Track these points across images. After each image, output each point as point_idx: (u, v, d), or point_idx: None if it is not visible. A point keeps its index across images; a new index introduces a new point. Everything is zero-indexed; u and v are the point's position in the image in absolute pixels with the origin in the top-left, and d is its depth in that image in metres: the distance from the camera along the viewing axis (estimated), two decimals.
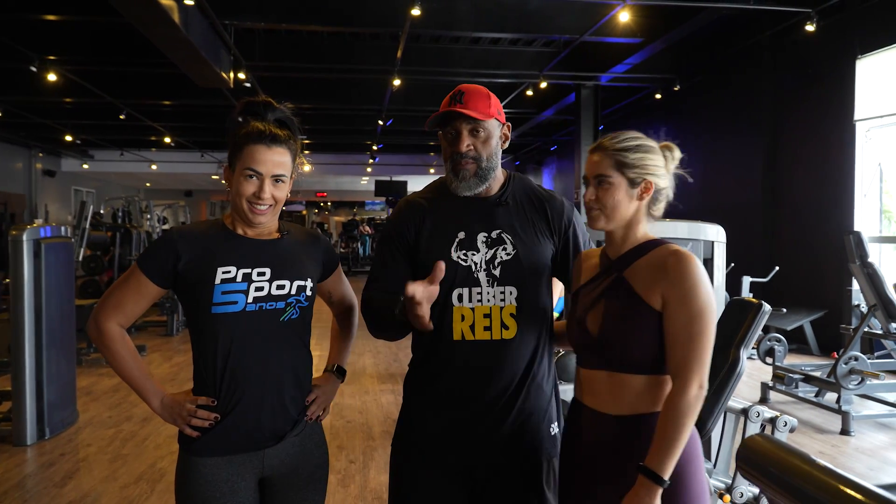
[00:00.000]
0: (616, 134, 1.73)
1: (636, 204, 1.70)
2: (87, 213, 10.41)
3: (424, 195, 1.96)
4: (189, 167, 21.71)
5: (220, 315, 1.76)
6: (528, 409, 1.85)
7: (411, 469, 1.90)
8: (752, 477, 1.09)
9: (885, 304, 6.10)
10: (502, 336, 1.81)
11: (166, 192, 28.19)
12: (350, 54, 10.45)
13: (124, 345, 1.83)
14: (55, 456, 4.65)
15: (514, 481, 1.85)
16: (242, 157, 1.78)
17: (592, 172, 1.71)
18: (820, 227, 8.53)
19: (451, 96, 1.81)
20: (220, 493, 1.76)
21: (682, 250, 1.62)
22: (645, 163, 1.69)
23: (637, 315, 1.61)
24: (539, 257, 1.86)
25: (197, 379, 1.84)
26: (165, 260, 1.79)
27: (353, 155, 20.96)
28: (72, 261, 5.76)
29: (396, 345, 9.06)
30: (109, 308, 1.82)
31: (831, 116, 8.39)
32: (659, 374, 1.62)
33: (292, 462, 1.87)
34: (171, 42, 7.52)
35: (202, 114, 14.60)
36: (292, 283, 1.84)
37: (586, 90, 11.42)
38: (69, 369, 5.43)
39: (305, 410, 1.90)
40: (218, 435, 1.78)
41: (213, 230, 1.86)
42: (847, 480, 0.90)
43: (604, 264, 1.75)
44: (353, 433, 5.15)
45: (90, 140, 18.00)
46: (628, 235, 1.72)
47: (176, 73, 9.33)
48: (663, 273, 1.60)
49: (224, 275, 1.77)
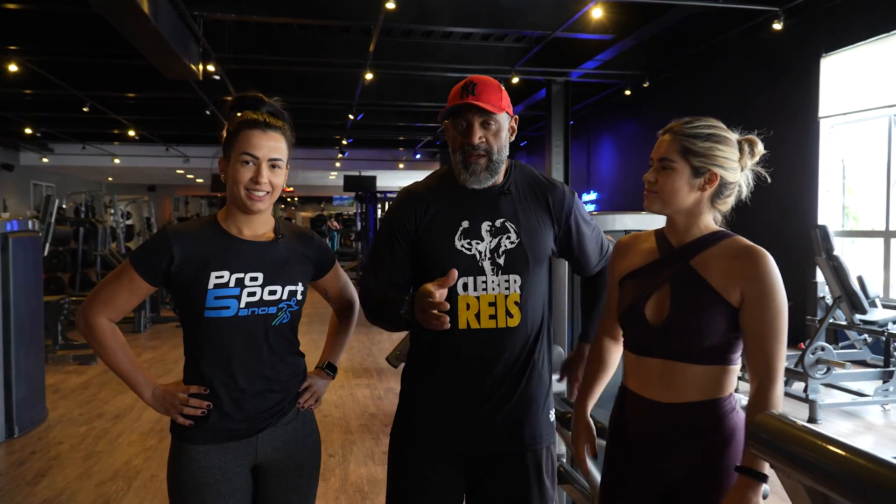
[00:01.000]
0: (692, 119, 1.67)
1: (698, 194, 1.65)
2: (52, 208, 10.19)
3: (426, 184, 1.96)
4: (153, 161, 21.37)
5: (212, 319, 1.78)
6: (528, 397, 1.87)
7: (411, 457, 1.90)
8: (764, 454, 1.12)
9: (849, 296, 6.25)
10: (507, 324, 1.82)
11: (129, 187, 27.71)
12: (321, 48, 10.38)
13: (115, 338, 1.83)
14: (26, 454, 4.56)
15: (513, 469, 1.87)
16: (238, 142, 1.77)
17: (657, 154, 1.66)
18: (785, 222, 8.70)
19: (463, 87, 1.80)
20: (213, 479, 1.78)
21: (757, 246, 1.61)
22: (713, 153, 1.63)
23: (710, 306, 1.59)
24: (542, 245, 1.88)
25: (189, 371, 1.85)
26: (159, 260, 1.78)
27: (321, 149, 20.82)
28: (39, 255, 5.64)
29: (370, 340, 9.05)
30: (100, 303, 1.81)
31: (796, 113, 8.56)
32: (718, 365, 1.61)
33: (285, 448, 1.89)
34: (139, 32, 7.38)
35: (168, 107, 14.39)
36: (284, 289, 1.85)
37: (557, 86, 11.49)
38: (38, 366, 5.32)
39: (297, 400, 1.93)
40: (211, 424, 1.79)
41: (208, 231, 1.84)
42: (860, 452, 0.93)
43: (664, 251, 1.71)
44: (331, 427, 5.13)
45: (51, 133, 17.63)
46: (691, 225, 1.68)
47: (142, 64, 9.18)
48: (743, 269, 1.58)
49: (217, 279, 1.77)
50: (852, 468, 0.94)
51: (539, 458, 1.89)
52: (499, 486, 1.86)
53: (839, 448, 0.98)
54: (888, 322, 6.19)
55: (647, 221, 3.47)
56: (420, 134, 18.56)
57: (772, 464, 1.12)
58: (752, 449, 1.18)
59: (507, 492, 1.86)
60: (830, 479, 0.98)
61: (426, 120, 15.92)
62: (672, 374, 1.63)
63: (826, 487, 0.99)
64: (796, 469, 1.04)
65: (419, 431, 1.90)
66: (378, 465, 4.33)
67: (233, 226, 1.85)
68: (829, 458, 0.98)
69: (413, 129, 17.95)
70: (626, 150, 13.64)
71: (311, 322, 8.77)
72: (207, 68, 9.55)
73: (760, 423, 1.15)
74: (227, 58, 9.84)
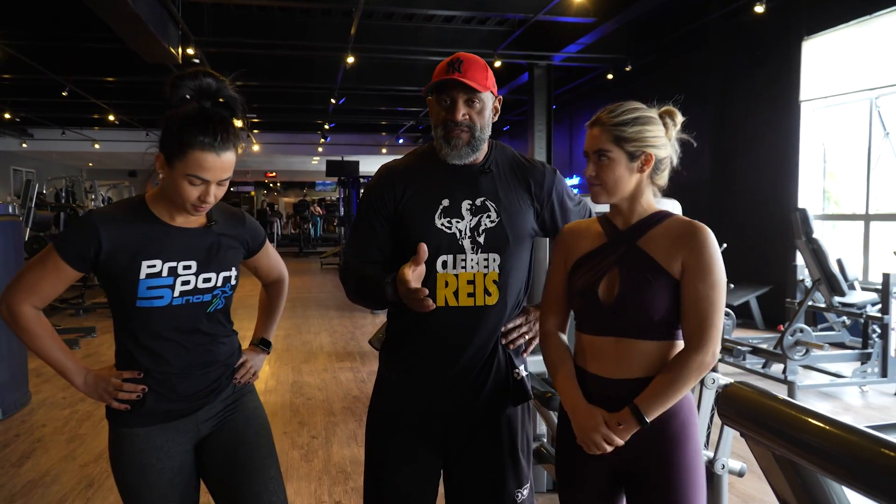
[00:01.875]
0: (614, 106, 1.72)
1: (637, 177, 1.70)
2: (33, 193, 10.09)
3: (406, 162, 1.96)
4: (134, 146, 21.11)
5: (144, 309, 1.74)
6: (498, 368, 1.89)
7: (388, 435, 1.92)
8: (734, 423, 1.15)
9: (828, 279, 6.34)
10: (485, 302, 1.84)
11: (110, 173, 27.43)
12: (302, 31, 10.29)
13: (41, 325, 1.75)
14: (10, 437, 4.55)
15: (488, 446, 1.89)
16: (187, 162, 1.65)
17: (592, 147, 1.71)
18: (765, 206, 8.78)
19: (449, 63, 1.80)
20: (156, 458, 1.77)
21: (698, 222, 1.66)
22: (643, 135, 1.68)
23: (656, 282, 1.64)
24: (522, 225, 1.89)
25: (121, 357, 1.82)
26: (86, 247, 1.70)
27: (303, 134, 20.69)
28: (20, 239, 5.59)
29: (353, 323, 9.05)
30: (23, 290, 1.73)
31: (778, 97, 8.62)
32: (667, 341, 1.66)
33: (226, 417, 1.89)
34: (117, 15, 7.31)
35: (148, 91, 14.22)
36: (218, 275, 1.83)
37: (539, 70, 11.48)
38: (20, 350, 5.28)
39: (233, 376, 1.94)
40: (148, 407, 1.78)
41: (138, 217, 1.76)
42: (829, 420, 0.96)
43: (610, 234, 1.76)
44: (313, 410, 5.14)
45: (30, 118, 17.39)
46: (634, 207, 1.74)
47: (121, 48, 9.08)
48: (684, 242, 1.63)
49: (149, 269, 1.72)
50: (819, 435, 0.97)
51: (514, 434, 1.92)
52: (475, 462, 1.88)
53: (807, 416, 1.01)
54: (866, 304, 6.29)
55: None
56: (403, 118, 18.50)
57: (742, 433, 1.15)
58: (724, 419, 1.21)
59: (483, 468, 1.88)
60: (798, 446, 1.00)
61: (409, 104, 15.86)
62: (624, 351, 1.68)
63: (794, 454, 1.02)
64: (765, 437, 1.07)
65: (395, 409, 1.92)
66: (361, 446, 4.34)
67: (164, 212, 1.78)
68: (796, 425, 1.01)
69: (395, 114, 17.88)
70: None
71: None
72: (187, 52, 9.47)
73: (731, 394, 1.18)
74: (207, 41, 9.74)
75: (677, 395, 1.59)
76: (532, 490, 1.98)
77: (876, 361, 5.83)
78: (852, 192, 8.40)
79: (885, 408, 5.37)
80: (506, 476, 1.89)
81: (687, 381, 1.58)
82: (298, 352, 7.28)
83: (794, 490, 1.06)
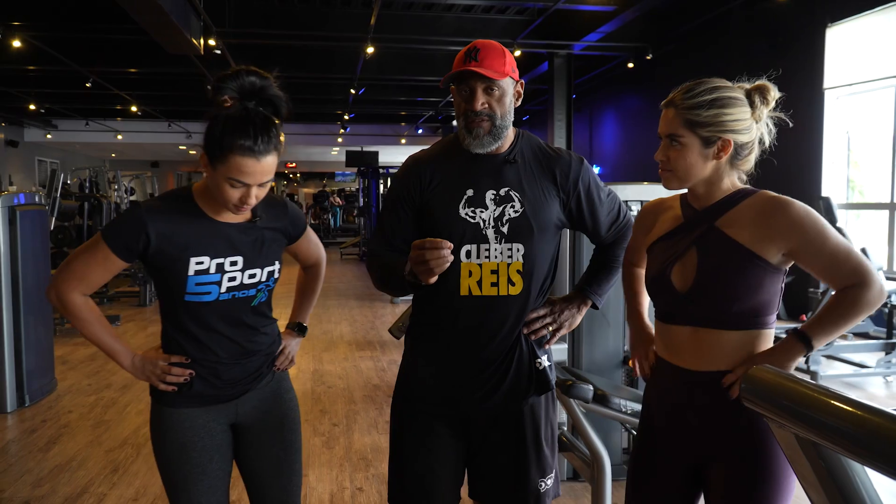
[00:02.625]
0: (692, 84, 1.59)
1: (714, 163, 1.58)
2: (58, 183, 10.22)
3: (432, 152, 1.97)
4: (156, 137, 21.33)
5: (193, 303, 1.79)
6: (521, 358, 1.89)
7: (412, 423, 1.93)
8: (757, 406, 1.15)
9: None
10: (509, 292, 1.84)
11: (132, 163, 27.71)
12: (322, 21, 10.31)
13: (90, 310, 1.82)
14: (37, 422, 4.63)
15: (511, 436, 1.90)
16: (227, 165, 1.66)
17: (664, 131, 1.60)
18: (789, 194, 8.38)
19: (466, 52, 1.79)
20: (197, 436, 1.84)
21: (783, 196, 1.55)
22: (721, 119, 1.55)
23: (740, 266, 1.53)
24: (546, 215, 1.87)
25: (167, 342, 1.87)
26: (134, 240, 1.73)
27: (323, 125, 20.74)
28: (46, 228, 5.68)
29: (373, 313, 9.10)
30: (73, 279, 1.78)
31: (801, 84, 8.51)
32: (751, 329, 1.55)
33: (263, 407, 1.96)
34: (140, 6, 7.36)
35: (170, 82, 14.33)
36: (263, 270, 1.87)
37: (559, 59, 11.42)
38: (47, 337, 5.39)
39: (273, 363, 1.99)
40: (193, 391, 1.84)
41: (185, 212, 1.79)
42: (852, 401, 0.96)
43: (688, 215, 1.66)
44: (335, 398, 5.19)
45: (54, 109, 17.58)
46: (712, 191, 1.62)
47: (144, 39, 9.15)
48: (776, 223, 1.52)
49: (197, 265, 1.76)
50: (842, 416, 0.97)
51: (538, 423, 1.92)
52: (498, 451, 1.90)
53: (829, 397, 1.01)
54: (891, 294, 6.22)
55: (649, 192, 3.49)
56: (422, 108, 18.47)
57: (765, 416, 1.15)
58: (746, 402, 1.21)
59: (506, 457, 1.89)
60: (821, 428, 1.01)
61: (428, 94, 15.84)
62: (702, 342, 1.58)
63: (817, 436, 1.03)
64: (788, 418, 1.07)
65: (419, 397, 1.93)
66: (381, 434, 4.39)
67: (210, 207, 1.81)
68: (818, 407, 1.01)
69: (415, 104, 17.86)
70: (629, 124, 13.59)
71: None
72: (208, 43, 9.51)
73: (753, 377, 1.18)
74: (228, 32, 9.79)
75: (846, 326, 1.48)
76: (557, 479, 1.98)
77: None
78: (877, 181, 8.29)
79: None
80: (529, 465, 1.89)
81: (855, 312, 1.46)
82: (319, 341, 7.34)
83: (818, 473, 1.07)
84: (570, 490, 3.61)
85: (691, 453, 1.62)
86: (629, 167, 13.22)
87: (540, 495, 1.91)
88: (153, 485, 3.62)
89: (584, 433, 2.86)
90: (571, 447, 3.29)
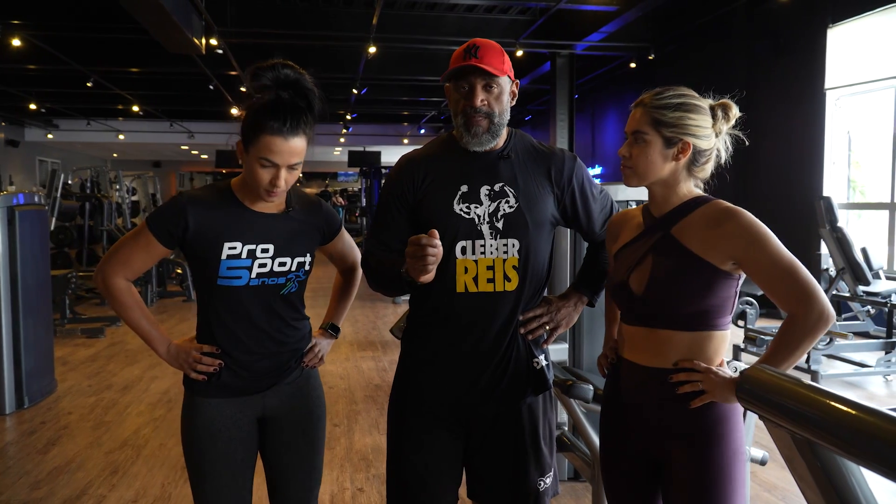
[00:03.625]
0: (662, 90, 1.67)
1: (672, 164, 1.65)
2: (58, 183, 10.23)
3: (426, 151, 1.97)
4: (157, 137, 21.37)
5: (224, 287, 1.86)
6: (518, 357, 1.89)
7: (410, 423, 1.93)
8: (753, 405, 1.14)
9: (852, 268, 6.26)
10: (505, 288, 1.83)
11: (134, 163, 27.74)
12: (324, 21, 10.32)
13: (131, 295, 1.92)
14: (36, 424, 4.63)
15: (510, 436, 1.89)
16: (258, 145, 1.76)
17: (630, 128, 1.67)
18: (790, 194, 8.68)
19: (466, 49, 1.79)
20: (225, 427, 1.90)
21: (733, 206, 1.61)
22: (684, 122, 1.63)
23: (690, 271, 1.59)
24: (541, 211, 1.88)
25: (201, 331, 1.95)
26: (175, 225, 1.84)
27: (325, 125, 20.75)
28: (46, 228, 5.68)
29: (374, 313, 9.10)
30: (117, 264, 1.89)
31: (802, 85, 8.51)
32: (703, 331, 1.62)
33: (291, 402, 2.00)
34: (140, 5, 7.36)
35: (172, 82, 14.34)
36: (293, 260, 1.92)
37: (562, 59, 11.41)
38: (46, 338, 5.39)
39: (302, 359, 2.03)
40: (222, 381, 1.90)
41: (223, 201, 1.89)
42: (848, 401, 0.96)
43: (647, 223, 1.73)
44: (336, 398, 5.19)
45: (55, 109, 17.60)
46: (669, 195, 1.69)
47: (145, 38, 9.15)
48: (724, 231, 1.57)
49: (230, 251, 1.84)
50: (838, 416, 0.97)
51: (536, 422, 1.92)
52: (496, 450, 1.89)
53: (824, 397, 1.01)
54: (891, 293, 6.21)
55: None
56: (424, 108, 18.48)
57: (760, 415, 1.15)
58: (742, 402, 1.21)
59: (504, 456, 1.89)
60: (817, 427, 1.00)
61: (430, 94, 15.84)
62: (656, 341, 1.65)
63: (813, 436, 1.02)
64: (784, 418, 1.07)
65: (417, 396, 1.93)
66: (382, 434, 4.38)
67: (246, 197, 1.90)
68: (814, 406, 1.01)
69: (417, 104, 17.87)
70: None
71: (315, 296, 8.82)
72: (210, 42, 9.52)
73: (749, 376, 1.18)
74: (230, 31, 9.79)
75: (797, 357, 1.51)
76: (556, 478, 1.98)
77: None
78: (878, 181, 8.29)
79: None
80: (527, 464, 1.89)
81: (802, 346, 1.50)
82: None
83: (814, 473, 1.06)
84: (572, 490, 3.61)
85: (648, 445, 1.68)
86: None
87: (539, 494, 1.91)
88: (153, 486, 3.62)
89: (584, 433, 2.86)
90: (572, 447, 3.29)
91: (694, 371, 1.59)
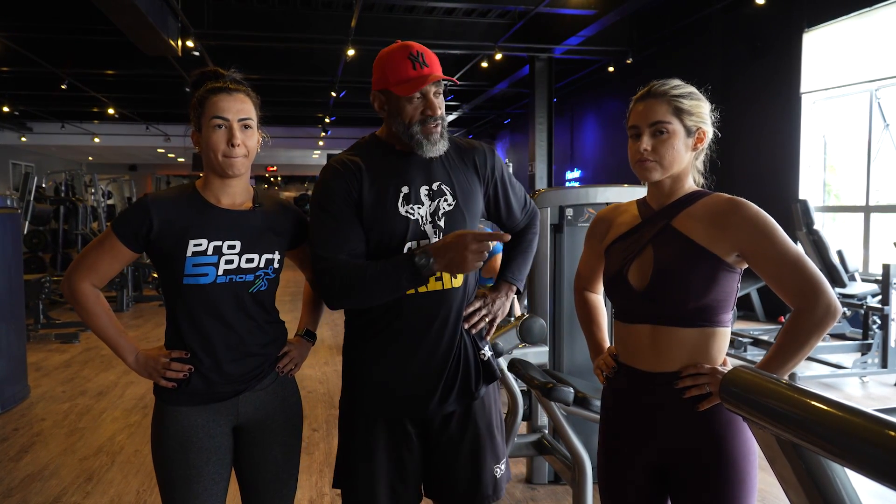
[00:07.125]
0: (664, 81, 1.64)
1: (690, 155, 1.63)
2: (31, 186, 10.08)
3: (357, 154, 1.90)
4: (134, 140, 21.14)
5: (191, 286, 1.82)
6: (466, 352, 1.90)
7: (361, 423, 1.90)
8: (736, 407, 1.13)
9: (829, 270, 6.32)
10: (452, 284, 1.85)
11: (110, 167, 27.44)
12: (302, 23, 10.27)
13: (98, 303, 1.88)
14: (8, 431, 4.54)
15: (468, 429, 1.90)
16: (207, 109, 1.82)
17: (648, 119, 1.60)
18: (766, 197, 8.73)
19: (411, 58, 1.80)
20: (196, 437, 1.85)
21: (736, 197, 1.58)
22: (700, 110, 1.61)
23: (695, 262, 1.55)
24: (475, 205, 1.92)
25: (170, 336, 1.90)
26: (140, 225, 1.82)
27: (304, 128, 20.68)
28: (19, 232, 5.58)
29: None
30: (84, 270, 1.86)
31: (778, 89, 8.60)
32: (707, 327, 1.57)
33: (266, 409, 1.94)
34: (116, 7, 7.29)
35: (148, 84, 14.22)
36: (261, 257, 1.88)
37: (540, 63, 11.46)
38: (19, 344, 5.29)
39: (276, 364, 1.97)
40: (192, 387, 1.85)
41: (187, 199, 1.87)
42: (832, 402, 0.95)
43: (645, 215, 1.70)
44: (314, 403, 5.14)
45: (29, 112, 17.38)
46: (676, 187, 1.66)
47: (121, 40, 9.06)
48: (729, 221, 1.54)
49: (195, 247, 1.81)
50: (823, 416, 0.96)
51: (489, 412, 1.94)
52: (454, 444, 1.90)
53: (808, 398, 1.00)
54: (867, 295, 6.28)
55: (629, 194, 3.49)
56: None
57: (744, 417, 1.14)
58: (725, 403, 1.20)
59: (462, 448, 1.89)
60: (801, 428, 0.99)
61: None
62: (660, 341, 1.60)
63: (797, 436, 1.01)
64: (768, 419, 1.06)
65: (368, 397, 1.90)
66: None
67: (211, 194, 1.88)
68: (798, 407, 1.00)
69: None
70: (610, 128, 13.65)
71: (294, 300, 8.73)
72: (186, 44, 9.44)
73: (733, 377, 1.17)
74: (207, 34, 9.72)
75: (803, 354, 1.49)
76: (508, 463, 2.01)
77: (876, 352, 5.84)
78: (852, 184, 8.39)
79: (886, 398, 5.37)
80: (485, 455, 1.91)
81: (811, 341, 1.47)
82: None
83: (798, 473, 1.05)
84: (552, 493, 3.60)
85: (654, 455, 1.64)
86: (610, 170, 13.27)
87: (497, 481, 1.93)
88: (128, 493, 3.56)
89: (565, 436, 2.85)
90: (553, 450, 3.28)
91: (699, 374, 1.56)
